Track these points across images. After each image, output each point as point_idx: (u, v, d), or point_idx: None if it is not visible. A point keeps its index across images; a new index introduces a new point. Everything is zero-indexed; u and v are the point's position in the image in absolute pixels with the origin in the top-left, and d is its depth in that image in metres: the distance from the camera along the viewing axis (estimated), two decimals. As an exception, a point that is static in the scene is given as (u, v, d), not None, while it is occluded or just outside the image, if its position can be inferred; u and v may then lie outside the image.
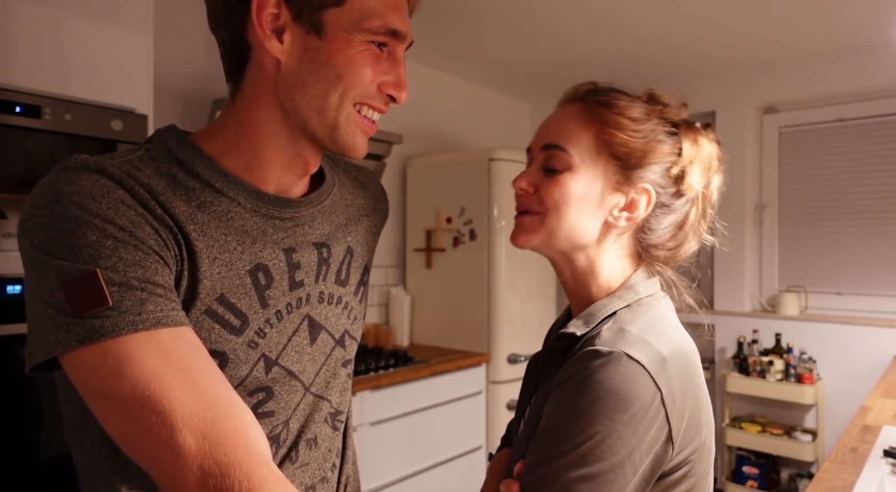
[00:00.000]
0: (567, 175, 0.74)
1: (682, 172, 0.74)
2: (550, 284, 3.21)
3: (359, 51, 0.65)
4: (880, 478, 1.29)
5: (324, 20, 0.64)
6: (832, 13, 2.53)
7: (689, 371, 0.68)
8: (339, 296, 0.78)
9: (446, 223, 3.01)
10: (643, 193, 0.74)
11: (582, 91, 0.78)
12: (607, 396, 0.62)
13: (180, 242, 0.61)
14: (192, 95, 2.32)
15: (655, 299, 0.76)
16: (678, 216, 0.77)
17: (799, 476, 3.03)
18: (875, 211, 3.00)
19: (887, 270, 2.96)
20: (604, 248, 0.76)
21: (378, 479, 2.29)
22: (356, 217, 0.83)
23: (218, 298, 0.64)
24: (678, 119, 0.77)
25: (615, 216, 0.75)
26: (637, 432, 0.62)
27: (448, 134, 3.51)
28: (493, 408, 2.84)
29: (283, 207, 0.71)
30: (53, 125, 1.49)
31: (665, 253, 0.78)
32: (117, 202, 0.58)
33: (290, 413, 0.72)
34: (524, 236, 0.78)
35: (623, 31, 2.75)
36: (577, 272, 0.78)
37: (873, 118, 3.03)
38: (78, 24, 1.57)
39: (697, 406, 0.68)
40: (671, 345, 0.68)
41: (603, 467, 0.61)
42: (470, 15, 2.59)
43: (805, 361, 2.97)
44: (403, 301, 3.02)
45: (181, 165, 0.66)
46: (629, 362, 0.63)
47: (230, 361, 0.65)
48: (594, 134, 0.74)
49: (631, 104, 0.75)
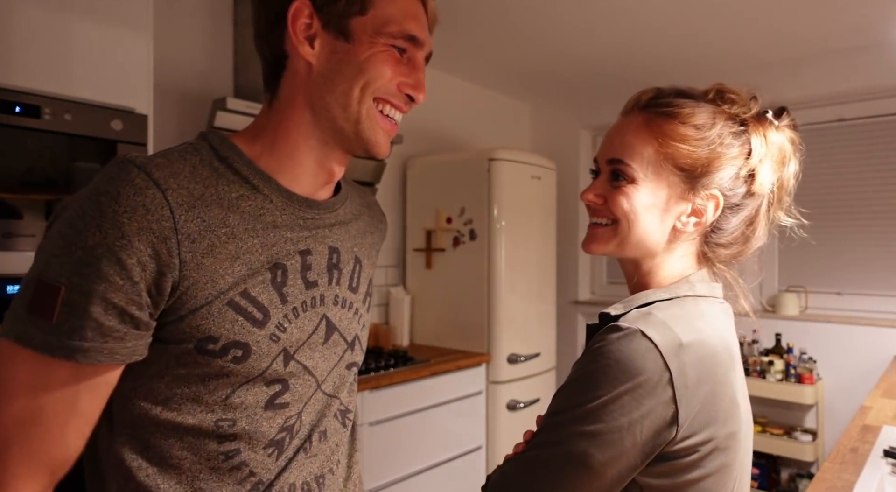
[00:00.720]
0: (632, 187, 0.75)
1: (753, 172, 0.75)
2: (550, 285, 3.21)
3: (380, 50, 0.73)
4: (880, 478, 1.29)
5: (350, 26, 0.72)
6: (833, 13, 2.53)
7: (709, 363, 0.69)
8: (350, 301, 0.83)
9: (446, 223, 3.01)
10: (710, 198, 0.75)
11: (643, 100, 0.78)
12: (616, 365, 0.66)
13: (189, 249, 0.66)
14: (191, 95, 2.32)
15: (706, 301, 0.76)
16: (748, 213, 0.77)
17: (799, 476, 3.03)
18: (875, 211, 3.00)
19: (888, 270, 2.96)
20: (671, 250, 0.78)
21: (378, 479, 2.29)
22: (363, 232, 0.89)
23: (242, 293, 0.69)
24: (747, 116, 0.75)
25: (683, 222, 0.76)
26: (640, 405, 0.65)
27: (448, 134, 3.51)
28: (493, 408, 2.84)
29: (308, 208, 0.78)
30: (53, 125, 1.49)
31: (731, 251, 0.79)
32: (137, 206, 0.63)
33: (302, 406, 0.77)
34: (597, 245, 0.80)
35: (622, 32, 2.75)
36: (642, 272, 0.80)
37: (873, 118, 3.02)
38: (78, 24, 1.56)
39: (714, 400, 0.68)
40: (696, 335, 0.69)
41: (601, 428, 0.65)
42: (470, 16, 2.60)
43: (805, 361, 2.97)
44: (403, 301, 3.02)
45: (222, 161, 0.73)
46: (642, 339, 0.67)
47: (253, 352, 0.70)
48: (656, 148, 0.74)
49: (695, 110, 0.74)
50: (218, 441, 0.70)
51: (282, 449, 0.75)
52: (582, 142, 3.90)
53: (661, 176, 0.75)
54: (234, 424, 0.71)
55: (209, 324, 0.67)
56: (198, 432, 0.70)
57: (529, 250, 3.03)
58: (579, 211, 3.87)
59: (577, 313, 3.84)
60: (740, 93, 0.77)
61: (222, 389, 0.70)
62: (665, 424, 0.65)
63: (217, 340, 0.68)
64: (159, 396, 0.69)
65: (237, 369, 0.69)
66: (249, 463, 0.72)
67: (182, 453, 0.70)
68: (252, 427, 0.72)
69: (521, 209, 2.96)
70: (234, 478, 0.72)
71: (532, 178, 3.04)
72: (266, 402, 0.72)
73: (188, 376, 0.69)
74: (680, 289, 0.76)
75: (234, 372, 0.70)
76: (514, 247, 2.92)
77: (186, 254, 0.65)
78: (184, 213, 0.65)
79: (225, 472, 0.71)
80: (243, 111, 2.10)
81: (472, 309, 2.91)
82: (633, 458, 0.66)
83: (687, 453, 0.67)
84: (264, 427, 0.73)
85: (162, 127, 2.07)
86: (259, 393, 0.72)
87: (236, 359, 0.69)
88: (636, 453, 0.66)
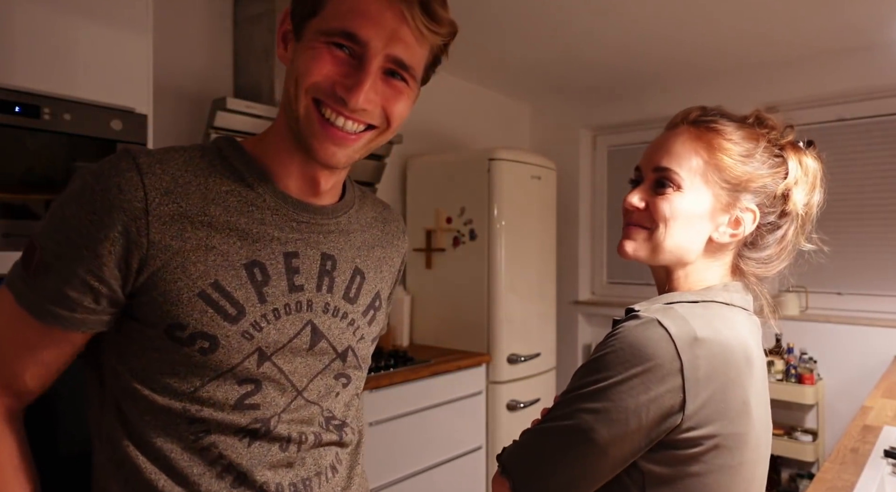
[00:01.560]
0: (677, 194, 0.78)
1: (788, 192, 0.80)
2: (550, 285, 3.21)
3: (317, 48, 0.70)
4: (881, 478, 1.29)
5: (304, 29, 0.72)
6: (832, 13, 2.53)
7: (722, 360, 0.70)
8: (345, 311, 0.81)
9: (446, 223, 3.01)
10: (748, 212, 0.79)
11: (692, 116, 0.83)
12: (629, 348, 0.69)
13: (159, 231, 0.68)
14: (191, 95, 2.31)
15: (732, 310, 0.78)
16: (781, 232, 0.82)
17: (799, 476, 3.03)
18: (875, 211, 3.00)
19: (888, 271, 2.96)
20: (705, 260, 0.81)
21: (378, 479, 2.28)
22: (370, 245, 0.88)
23: (212, 284, 0.70)
24: (784, 142, 0.81)
25: (721, 233, 0.80)
26: (649, 389, 0.67)
27: (448, 134, 3.51)
28: (493, 408, 2.84)
29: (303, 211, 0.78)
30: (53, 125, 1.49)
31: (762, 267, 0.83)
32: (112, 185, 0.67)
33: (277, 411, 0.75)
34: (632, 247, 0.82)
35: (624, 32, 2.75)
36: (672, 277, 0.82)
37: (873, 118, 3.02)
38: (77, 24, 1.56)
39: (723, 398, 0.70)
40: (712, 333, 0.71)
41: (607, 406, 0.68)
42: (470, 15, 2.59)
43: (805, 361, 2.97)
44: (403, 301, 3.02)
45: (223, 159, 0.75)
46: (657, 328, 0.69)
47: (221, 346, 0.70)
48: (704, 159, 0.79)
49: (741, 131, 0.80)
50: (188, 422, 0.71)
51: (255, 437, 0.73)
52: (582, 142, 3.90)
53: (707, 187, 0.79)
54: (202, 412, 0.71)
55: (178, 310, 0.68)
56: (168, 412, 0.70)
57: (529, 250, 3.03)
58: (579, 211, 3.87)
59: (577, 313, 3.84)
60: (777, 121, 0.83)
61: (191, 379, 0.70)
62: (671, 410, 0.67)
63: (184, 328, 0.69)
64: (138, 373, 0.71)
65: (205, 361, 0.70)
66: (219, 445, 0.72)
67: (156, 430, 0.71)
68: (220, 418, 0.71)
69: (521, 209, 2.96)
70: (205, 458, 0.71)
71: (532, 178, 3.04)
72: (236, 401, 0.72)
73: (161, 361, 0.70)
74: (709, 294, 0.78)
75: (201, 363, 0.70)
76: (514, 247, 2.92)
77: (156, 235, 0.67)
78: (158, 196, 0.68)
79: (196, 451, 0.71)
80: (243, 111, 2.10)
81: (472, 309, 2.90)
82: (636, 440, 0.68)
83: (690, 445, 0.69)
84: (233, 419, 0.72)
85: (162, 127, 2.07)
86: (229, 391, 0.71)
87: (203, 350, 0.69)
88: (640, 435, 0.68)
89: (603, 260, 3.91)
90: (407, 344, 3.02)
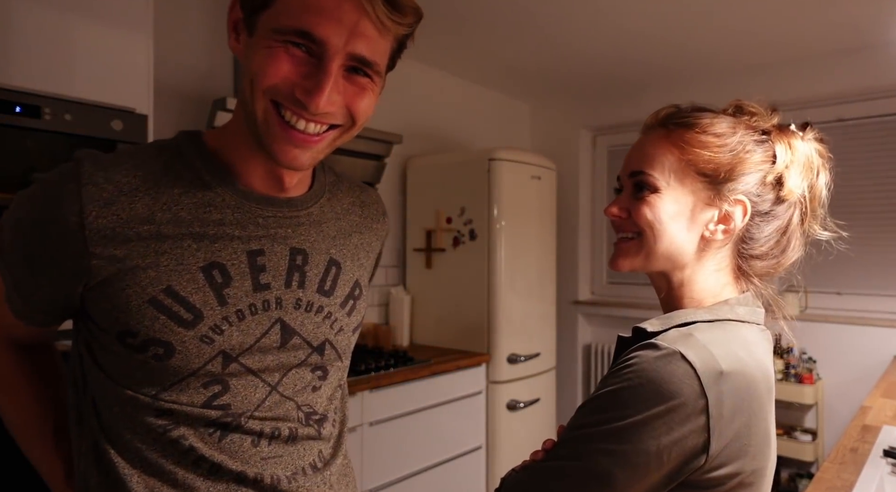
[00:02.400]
0: (654, 196, 0.75)
1: (780, 178, 0.75)
2: (550, 285, 3.21)
3: (272, 48, 0.65)
4: (880, 478, 1.29)
5: (257, 22, 0.68)
6: (832, 13, 2.53)
7: (747, 395, 0.66)
8: (320, 305, 0.79)
9: (446, 223, 3.01)
10: (737, 204, 0.74)
11: (662, 116, 0.79)
12: (650, 385, 0.63)
13: (100, 243, 0.67)
14: (191, 95, 2.32)
15: (747, 327, 0.74)
16: (781, 222, 0.77)
17: (799, 476, 3.03)
18: (875, 211, 3.00)
19: (887, 270, 2.96)
20: (702, 262, 0.77)
21: (378, 479, 2.29)
22: (347, 232, 0.84)
23: (165, 290, 0.68)
24: (768, 126, 0.77)
25: (711, 230, 0.75)
26: (672, 430, 0.62)
27: (448, 134, 3.51)
28: (493, 408, 2.84)
29: (268, 205, 0.75)
30: (53, 125, 1.49)
31: (768, 263, 0.78)
32: (49, 196, 0.67)
33: (251, 408, 0.73)
34: (624, 260, 0.79)
35: (623, 32, 2.75)
36: (673, 286, 0.78)
37: (873, 118, 3.03)
38: (78, 24, 1.56)
39: (747, 433, 0.66)
40: (736, 364, 0.67)
41: (627, 449, 0.63)
42: (470, 15, 2.59)
43: (805, 361, 2.97)
44: (403, 301, 3.02)
45: (180, 157, 0.73)
46: (681, 362, 0.64)
47: (177, 352, 0.68)
48: (677, 156, 0.75)
49: (714, 120, 0.75)
50: (155, 415, 0.70)
51: (226, 430, 0.72)
52: (582, 142, 3.90)
53: (685, 183, 0.74)
54: (170, 405, 0.70)
55: (127, 318, 0.67)
56: (135, 403, 0.70)
57: (529, 250, 3.03)
58: (579, 211, 3.87)
59: (577, 313, 3.84)
60: (759, 106, 0.78)
61: (151, 385, 0.69)
62: (695, 452, 0.63)
63: (135, 335, 0.67)
64: (104, 367, 0.71)
65: (161, 366, 0.68)
66: (189, 437, 0.70)
67: (125, 420, 0.70)
68: (189, 411, 0.70)
69: (521, 209, 2.96)
70: (176, 449, 0.70)
71: (532, 178, 3.04)
72: (203, 403, 0.70)
73: (119, 363, 0.70)
74: (721, 311, 0.74)
75: (159, 369, 0.68)
76: (514, 247, 2.92)
77: (95, 248, 0.66)
78: (96, 208, 0.66)
79: (166, 443, 0.70)
80: (243, 111, 2.09)
81: (472, 309, 2.90)
82: (656, 483, 0.64)
83: (711, 485, 0.65)
84: (202, 413, 0.71)
85: (162, 127, 2.06)
86: (194, 395, 0.70)
87: (157, 356, 0.68)
88: (660, 478, 0.64)
89: (603, 260, 3.91)
90: (407, 344, 3.02)
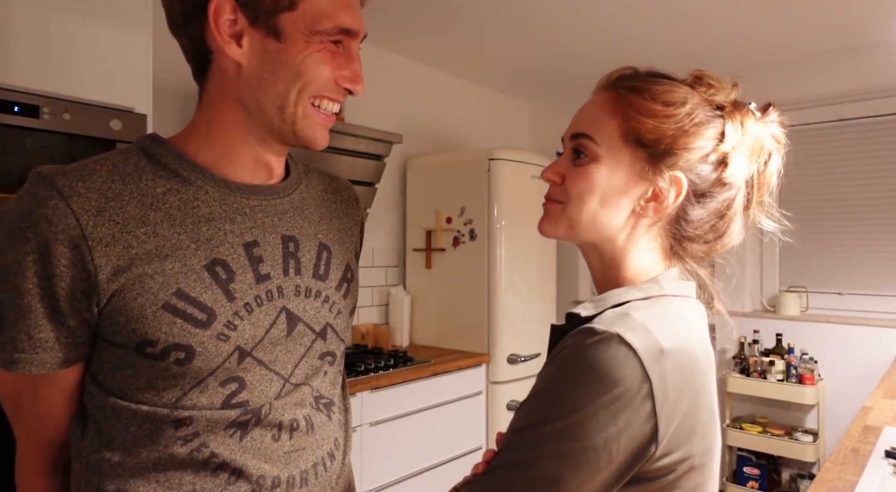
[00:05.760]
0: (592, 166, 0.70)
1: (724, 159, 0.69)
2: (550, 285, 3.20)
3: (316, 50, 0.69)
4: (882, 479, 1.29)
5: (280, 24, 0.68)
6: (832, 13, 2.52)
7: (690, 372, 0.64)
8: (318, 290, 0.79)
9: (446, 223, 3.01)
10: (673, 182, 0.69)
11: (613, 78, 0.75)
12: (591, 374, 0.59)
13: (104, 254, 0.65)
14: (191, 95, 2.31)
15: (680, 300, 0.71)
16: (718, 205, 0.72)
17: (800, 477, 3.02)
18: (876, 211, 2.99)
19: (888, 270, 2.96)
20: (633, 239, 0.72)
21: (378, 479, 2.28)
22: (329, 217, 0.85)
23: (175, 293, 0.67)
24: (725, 101, 0.72)
25: (642, 206, 0.70)
26: (617, 420, 0.59)
27: (448, 134, 3.51)
28: (493, 408, 2.83)
29: (251, 195, 0.74)
30: (52, 125, 1.49)
31: (702, 247, 0.74)
32: (39, 219, 0.63)
33: (268, 402, 0.73)
34: (547, 225, 0.75)
35: (623, 32, 2.75)
36: (605, 263, 0.74)
37: (873, 118, 3.02)
38: (77, 24, 1.56)
39: (693, 413, 0.63)
40: (676, 340, 0.63)
41: (574, 447, 0.59)
42: (470, 15, 2.59)
43: (806, 361, 2.97)
44: (403, 301, 3.02)
45: (150, 158, 0.71)
46: (620, 345, 0.60)
47: (197, 354, 0.67)
48: (620, 121, 0.70)
49: (668, 88, 0.71)
50: (175, 426, 0.69)
51: (246, 428, 0.72)
52: (582, 142, 3.90)
53: (623, 152, 0.70)
54: (189, 413, 0.69)
55: (144, 327, 0.65)
56: (154, 419, 0.69)
57: (529, 250, 3.03)
58: (579, 211, 3.86)
59: (577, 314, 3.83)
60: (721, 80, 0.73)
61: (171, 391, 0.68)
62: (644, 441, 0.60)
63: (155, 344, 0.66)
64: (115, 391, 0.69)
65: (183, 371, 0.67)
66: (210, 444, 0.70)
67: (142, 439, 0.69)
68: (209, 415, 0.70)
69: (521, 209, 2.96)
70: (195, 460, 0.69)
71: (532, 178, 3.04)
72: (222, 402, 0.70)
73: (136, 377, 0.68)
74: (652, 289, 0.70)
75: (180, 374, 0.68)
76: (514, 247, 2.92)
77: (101, 259, 0.64)
78: (91, 218, 0.64)
79: (185, 455, 0.69)
80: (243, 111, 2.09)
81: (471, 309, 2.90)
82: (608, 478, 0.60)
83: (663, 473, 0.62)
84: (221, 414, 0.70)
85: (161, 127, 2.06)
86: (213, 395, 0.70)
87: (179, 361, 0.67)
88: (612, 472, 0.60)
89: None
90: (407, 344, 3.02)
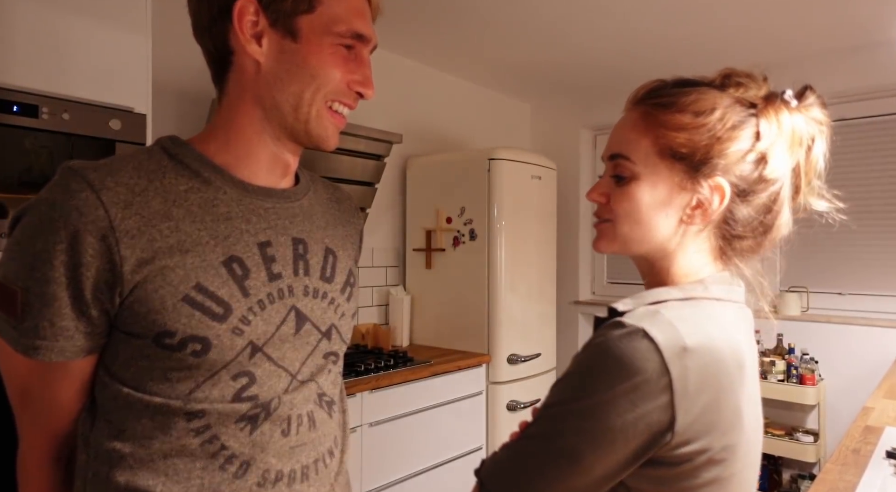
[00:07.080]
0: (633, 185, 0.73)
1: (763, 156, 0.71)
2: (550, 285, 3.20)
3: (329, 52, 0.74)
4: (883, 479, 1.29)
5: (298, 25, 0.73)
6: (833, 12, 2.52)
7: (714, 370, 0.66)
8: (324, 291, 0.83)
9: (446, 223, 3.00)
10: (714, 189, 0.71)
11: (641, 94, 0.77)
12: (613, 363, 0.64)
13: (129, 246, 0.68)
14: (190, 95, 2.31)
15: (721, 304, 0.72)
16: (764, 201, 0.73)
17: (801, 477, 3.02)
18: (876, 211, 2.99)
19: (889, 271, 2.96)
20: (683, 245, 0.75)
21: (378, 479, 2.28)
22: (333, 224, 0.89)
23: (195, 287, 0.70)
24: (757, 98, 0.72)
25: (689, 215, 0.73)
26: (636, 407, 0.63)
27: (448, 134, 3.51)
28: (493, 409, 2.83)
29: (267, 197, 0.79)
30: (51, 125, 1.49)
31: (749, 242, 0.75)
32: (71, 210, 0.66)
33: (276, 397, 0.76)
34: (602, 243, 0.79)
35: (623, 32, 2.75)
36: (655, 268, 0.77)
37: (874, 118, 3.02)
38: (76, 24, 1.56)
39: (715, 409, 0.66)
40: (702, 339, 0.66)
41: (594, 426, 0.64)
42: (470, 14, 2.59)
43: (807, 361, 2.96)
44: (403, 301, 3.02)
45: (172, 157, 0.75)
46: (643, 340, 0.64)
47: (213, 346, 0.70)
48: (653, 139, 0.72)
49: (695, 97, 0.72)
50: (187, 419, 0.71)
51: (256, 422, 0.74)
52: (582, 142, 3.90)
53: (661, 167, 0.72)
54: (201, 405, 0.71)
55: (164, 318, 0.68)
56: (166, 410, 0.70)
57: (529, 250, 3.02)
58: (580, 211, 3.86)
59: (577, 313, 3.83)
60: (751, 75, 0.74)
61: (185, 382, 0.70)
62: (660, 429, 0.63)
63: (174, 335, 0.69)
64: (128, 382, 0.71)
65: (198, 363, 0.70)
66: (221, 436, 0.72)
67: (153, 431, 0.71)
68: (220, 408, 0.72)
69: (521, 209, 2.96)
70: (206, 452, 0.71)
71: (532, 178, 3.04)
72: (233, 396, 0.72)
73: (151, 369, 0.70)
74: (695, 290, 0.72)
75: (195, 365, 0.70)
76: (514, 247, 2.91)
77: (126, 250, 0.67)
78: (120, 211, 0.67)
79: (197, 447, 0.71)
80: (242, 111, 2.09)
81: (472, 309, 2.90)
82: (623, 459, 0.64)
83: (679, 461, 0.65)
84: (233, 407, 0.73)
85: (161, 126, 2.06)
86: (225, 388, 0.72)
87: (196, 353, 0.69)
88: (627, 454, 0.64)
89: (603, 260, 3.91)
90: (407, 344, 3.01)
